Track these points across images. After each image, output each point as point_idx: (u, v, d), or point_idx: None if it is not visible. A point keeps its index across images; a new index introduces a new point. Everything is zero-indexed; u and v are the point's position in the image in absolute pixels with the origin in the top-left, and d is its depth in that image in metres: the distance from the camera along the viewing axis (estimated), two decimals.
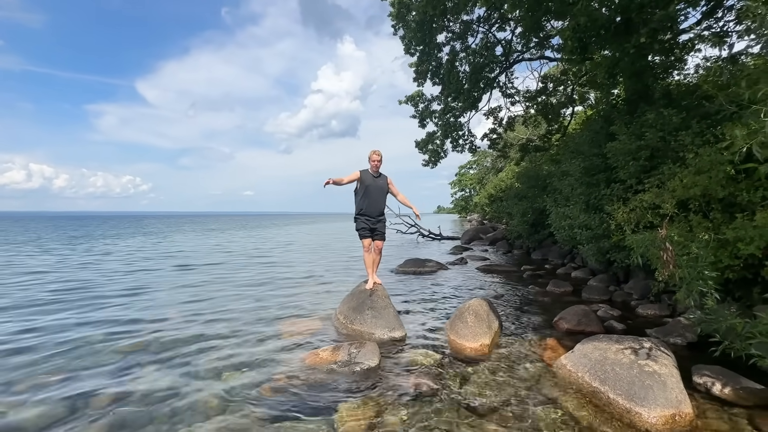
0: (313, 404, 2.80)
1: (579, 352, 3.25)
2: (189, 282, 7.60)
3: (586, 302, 5.62)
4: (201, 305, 5.66)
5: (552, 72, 13.67)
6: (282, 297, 6.27)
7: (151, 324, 4.72)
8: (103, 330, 4.48)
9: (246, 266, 9.98)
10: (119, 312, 5.28)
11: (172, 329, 4.50)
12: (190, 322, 4.79)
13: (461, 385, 3.09)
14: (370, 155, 4.81)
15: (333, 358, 3.46)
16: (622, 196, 5.56)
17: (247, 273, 8.82)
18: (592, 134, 7.20)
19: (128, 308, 5.48)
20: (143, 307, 5.58)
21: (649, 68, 6.49)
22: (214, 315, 5.13)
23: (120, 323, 4.76)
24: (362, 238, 4.86)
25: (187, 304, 5.73)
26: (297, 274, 8.77)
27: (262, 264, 10.46)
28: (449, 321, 4.48)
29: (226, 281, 7.68)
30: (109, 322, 4.81)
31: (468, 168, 54.44)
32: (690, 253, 3.30)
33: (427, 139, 13.84)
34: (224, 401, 2.84)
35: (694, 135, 4.62)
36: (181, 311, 5.32)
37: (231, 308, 5.51)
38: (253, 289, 6.95)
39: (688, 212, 4.13)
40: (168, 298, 6.19)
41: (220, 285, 7.25)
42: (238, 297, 6.25)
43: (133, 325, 4.69)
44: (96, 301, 5.90)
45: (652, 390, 2.62)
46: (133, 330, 4.48)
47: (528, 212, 11.72)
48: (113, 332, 4.40)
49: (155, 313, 5.23)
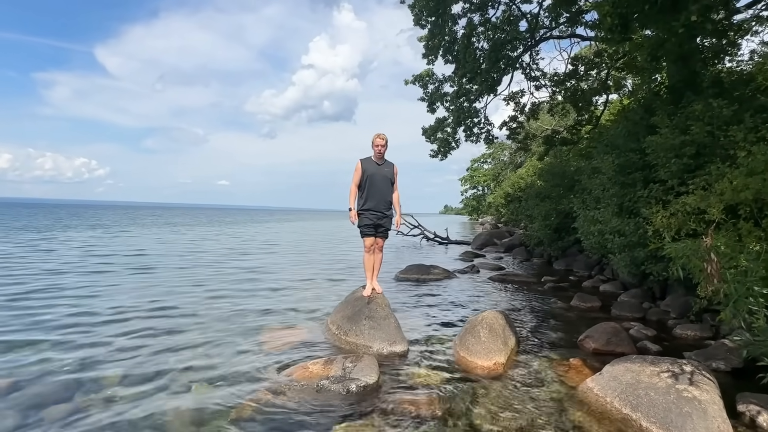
0: (300, 426, 2.84)
1: (608, 374, 3.30)
2: (150, 284, 7.62)
3: (616, 319, 5.69)
4: (166, 312, 5.65)
5: (584, 53, 13.77)
6: (263, 304, 6.31)
7: (105, 336, 4.69)
8: (49, 336, 4.50)
9: (219, 268, 10.02)
10: (63, 318, 5.30)
11: (130, 340, 4.51)
12: (153, 332, 4.78)
13: (471, 408, 3.14)
14: (373, 139, 4.88)
15: (325, 372, 3.50)
16: (662, 199, 5.63)
17: (221, 276, 8.85)
18: (629, 126, 7.28)
19: (76, 315, 5.48)
20: (91, 313, 5.57)
21: (698, 52, 6.57)
22: (182, 324, 5.12)
23: (65, 327, 4.80)
24: (364, 236, 4.91)
25: (149, 311, 5.74)
26: (281, 277, 8.82)
27: (239, 267, 10.50)
28: (459, 335, 4.54)
29: (196, 285, 7.71)
30: (49, 328, 4.82)
31: (482, 162, 54.62)
32: (738, 265, 3.36)
33: (436, 125, 13.91)
34: (194, 423, 2.87)
35: (747, 130, 4.69)
36: (142, 319, 5.30)
37: (202, 315, 5.56)
38: (228, 294, 6.99)
39: (737, 219, 4.20)
40: (126, 303, 6.20)
41: (188, 289, 7.29)
42: (211, 303, 6.29)
43: (84, 335, 4.63)
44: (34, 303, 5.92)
45: (690, 418, 2.68)
46: (83, 343, 4.41)
47: (551, 215, 11.80)
48: (57, 341, 4.42)
49: (107, 323, 5.22)
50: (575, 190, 9.84)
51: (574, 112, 13.90)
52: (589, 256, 10.62)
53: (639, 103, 8.28)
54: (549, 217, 11.90)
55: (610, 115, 12.77)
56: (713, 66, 6.97)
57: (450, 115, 13.66)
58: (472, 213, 58.98)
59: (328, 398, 3.22)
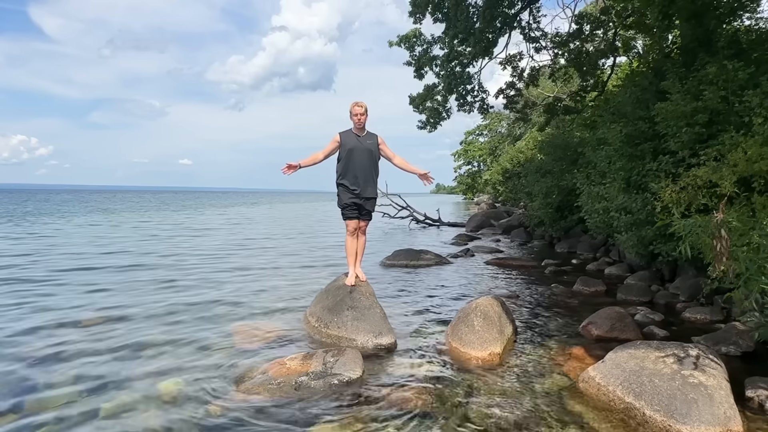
0: (277, 427, 2.91)
1: (611, 361, 3.44)
2: (98, 280, 7.55)
3: (622, 304, 5.87)
4: (121, 312, 5.56)
5: (589, 10, 13.76)
6: (234, 295, 6.34)
7: (55, 335, 4.70)
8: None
9: (180, 254, 9.97)
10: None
11: (85, 338, 4.51)
12: (110, 331, 4.76)
13: (465, 402, 3.24)
14: (351, 108, 4.83)
15: (304, 368, 3.57)
16: (672, 171, 5.76)
17: (182, 267, 8.82)
18: (638, 92, 7.37)
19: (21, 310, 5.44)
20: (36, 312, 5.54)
21: (713, 8, 6.63)
22: (142, 321, 5.10)
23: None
24: (346, 219, 4.93)
25: (102, 306, 5.73)
26: (252, 265, 8.84)
27: (204, 253, 10.45)
28: (451, 325, 4.64)
29: (151, 275, 7.70)
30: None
31: (477, 134, 54.76)
32: (751, 242, 3.49)
33: (425, 93, 13.86)
34: (162, 426, 2.90)
35: (763, 95, 4.80)
36: (96, 318, 5.25)
37: (161, 308, 5.58)
38: (191, 285, 6.98)
39: (751, 192, 4.34)
40: (75, 299, 6.17)
41: (144, 283, 7.23)
42: (170, 294, 6.31)
43: (31, 334, 4.64)
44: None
45: (696, 405, 2.82)
46: (37, 345, 4.44)
47: (553, 192, 11.97)
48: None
49: (58, 318, 5.21)
50: (579, 164, 9.98)
51: (578, 77, 13.96)
52: (594, 237, 10.85)
53: (648, 66, 8.37)
54: (550, 194, 12.07)
55: (618, 80, 12.88)
56: (729, 24, 7.05)
57: (440, 82, 13.61)
58: (466, 192, 59.37)
59: (308, 396, 3.29)
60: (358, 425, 2.90)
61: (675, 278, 6.93)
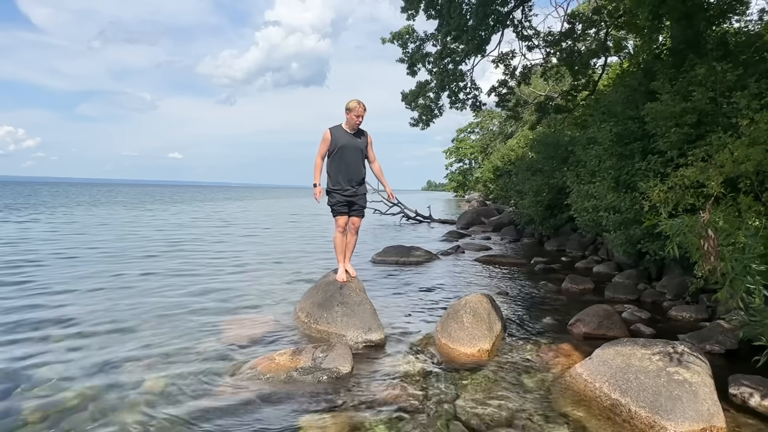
0: (266, 422, 2.90)
1: (598, 358, 3.47)
2: (79, 274, 7.47)
3: (610, 302, 5.94)
4: (106, 305, 5.53)
5: (582, 9, 13.83)
6: (223, 290, 6.30)
7: (39, 329, 4.65)
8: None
9: (165, 247, 9.89)
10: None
11: (69, 333, 4.47)
12: (97, 326, 4.71)
13: (453, 398, 3.26)
14: (352, 106, 4.69)
15: (293, 364, 3.56)
16: (660, 171, 5.82)
17: (171, 260, 8.75)
18: (628, 92, 7.44)
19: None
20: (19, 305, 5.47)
21: (703, 9, 6.69)
22: (129, 315, 5.03)
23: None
24: (336, 215, 4.90)
25: (88, 300, 5.67)
26: (242, 261, 8.79)
27: (190, 249, 10.38)
28: (440, 321, 4.66)
29: (139, 270, 7.63)
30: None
31: (469, 132, 54.94)
32: (736, 242, 3.54)
33: (417, 90, 13.87)
34: (149, 423, 2.88)
35: (750, 97, 4.86)
36: (83, 313, 5.19)
37: (147, 302, 5.52)
38: (179, 281, 6.92)
39: (737, 193, 4.39)
40: (57, 294, 6.10)
41: (130, 277, 7.16)
42: (159, 288, 6.26)
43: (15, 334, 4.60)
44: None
45: (680, 401, 2.86)
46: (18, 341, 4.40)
47: (543, 190, 12.04)
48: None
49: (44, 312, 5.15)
50: (569, 162, 10.05)
51: (569, 77, 14.04)
52: (583, 236, 10.93)
53: (639, 66, 8.44)
54: (541, 192, 12.14)
55: (609, 79, 12.98)
56: (718, 26, 7.12)
57: (433, 79, 13.62)
58: (457, 189, 59.57)
59: (297, 391, 3.29)
60: (346, 421, 2.91)
61: (662, 277, 7.01)
